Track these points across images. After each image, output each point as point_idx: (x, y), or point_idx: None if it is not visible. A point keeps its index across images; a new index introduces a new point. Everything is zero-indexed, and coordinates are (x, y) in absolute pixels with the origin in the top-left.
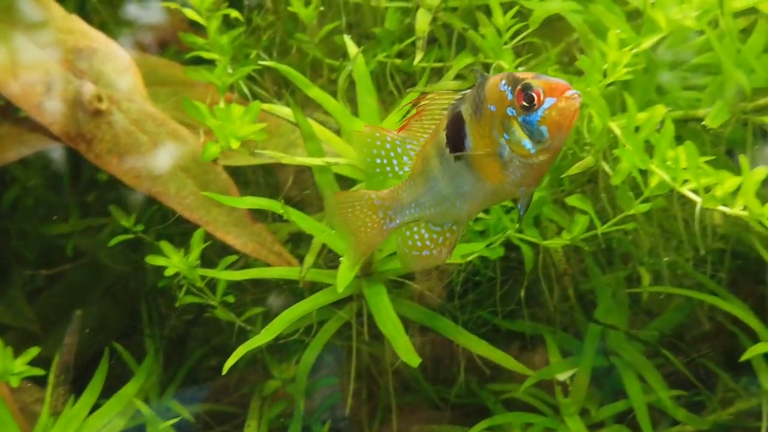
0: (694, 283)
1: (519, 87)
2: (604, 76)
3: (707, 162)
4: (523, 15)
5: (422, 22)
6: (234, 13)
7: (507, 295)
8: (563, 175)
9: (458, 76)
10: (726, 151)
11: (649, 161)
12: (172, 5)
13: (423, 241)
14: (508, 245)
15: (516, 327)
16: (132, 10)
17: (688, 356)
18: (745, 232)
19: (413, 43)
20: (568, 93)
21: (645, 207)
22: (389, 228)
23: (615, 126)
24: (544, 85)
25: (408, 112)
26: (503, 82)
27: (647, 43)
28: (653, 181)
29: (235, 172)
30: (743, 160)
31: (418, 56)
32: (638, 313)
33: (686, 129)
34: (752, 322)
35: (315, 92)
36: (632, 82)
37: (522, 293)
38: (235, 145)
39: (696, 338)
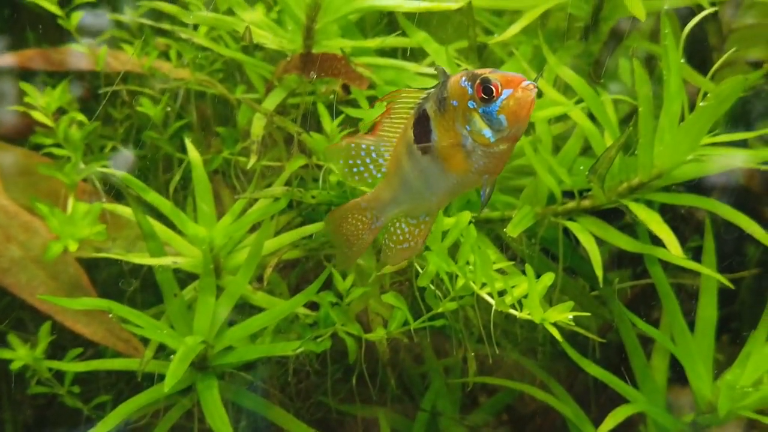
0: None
1: (478, 81)
2: None
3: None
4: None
5: (257, 126)
6: (79, 116)
7: (339, 383)
8: (380, 273)
9: (288, 182)
10: (540, 249)
11: (453, 265)
12: (20, 108)
13: (403, 234)
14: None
15: (348, 410)
16: None
17: None
18: None
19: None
20: (524, 84)
21: (453, 305)
22: (376, 226)
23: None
24: (501, 78)
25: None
26: (464, 78)
27: None
28: (458, 283)
29: None
30: (529, 269)
31: (252, 159)
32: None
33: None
34: (566, 409)
35: (152, 197)
36: None
37: (353, 380)
38: (72, 247)
39: (524, 417)
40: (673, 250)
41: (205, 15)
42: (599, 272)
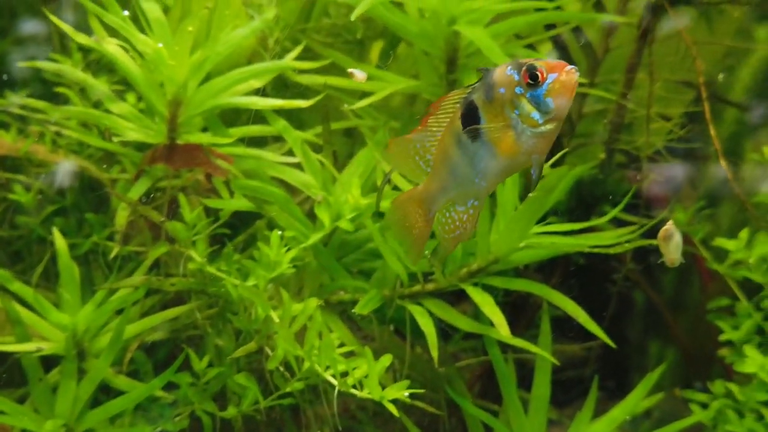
0: None
1: (524, 68)
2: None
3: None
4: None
5: (121, 216)
6: None
7: None
8: (230, 357)
9: (154, 265)
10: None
11: (299, 349)
12: None
13: (454, 222)
14: None
15: None
16: None
17: None
18: None
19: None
20: (567, 68)
21: (300, 385)
22: (430, 218)
23: (274, 315)
24: (546, 64)
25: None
26: (509, 67)
27: (313, 238)
28: (305, 365)
29: None
30: (367, 352)
31: (116, 249)
32: None
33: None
34: None
35: (15, 286)
36: (306, 270)
37: None
38: None
39: None
40: (503, 331)
41: (73, 109)
42: (434, 353)
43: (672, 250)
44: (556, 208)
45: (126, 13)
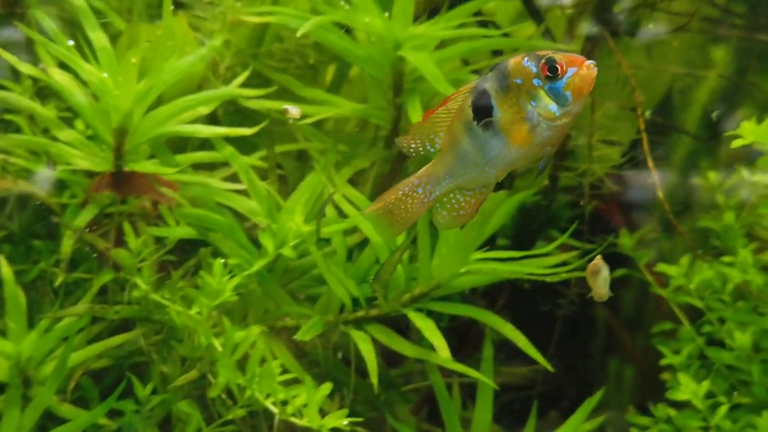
0: None
1: (543, 61)
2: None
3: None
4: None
5: (66, 244)
6: None
7: None
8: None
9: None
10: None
11: (240, 377)
12: None
13: (459, 203)
14: None
15: None
16: None
17: None
18: None
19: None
20: (587, 63)
21: (242, 413)
22: (429, 200)
23: (217, 343)
24: (565, 58)
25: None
26: (526, 59)
27: (257, 265)
28: (246, 393)
29: None
30: (308, 379)
31: (60, 276)
32: None
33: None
34: None
35: None
36: (251, 297)
37: None
38: None
39: None
40: (443, 355)
41: (19, 137)
42: (374, 379)
43: (600, 284)
44: (500, 234)
45: (71, 42)
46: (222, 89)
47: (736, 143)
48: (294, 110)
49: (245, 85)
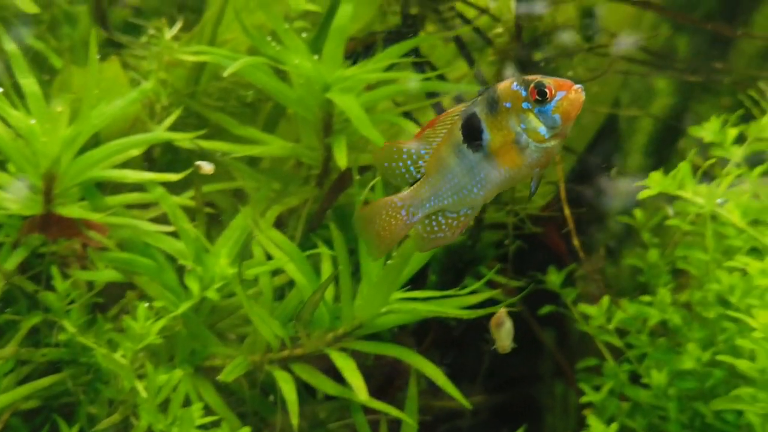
0: None
1: (532, 85)
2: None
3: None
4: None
5: None
6: None
7: None
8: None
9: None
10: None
11: (162, 420)
12: None
13: (439, 225)
14: None
15: None
16: None
17: None
18: None
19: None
20: (575, 87)
21: None
22: (411, 222)
23: (140, 386)
24: (554, 82)
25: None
26: (515, 84)
27: (182, 308)
28: None
29: None
30: (225, 426)
31: None
32: None
33: None
34: None
35: None
36: (177, 338)
37: None
38: None
39: None
40: (361, 395)
41: None
42: (294, 420)
43: (503, 336)
44: (424, 274)
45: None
46: (151, 133)
47: (642, 194)
48: (207, 166)
49: (182, 123)
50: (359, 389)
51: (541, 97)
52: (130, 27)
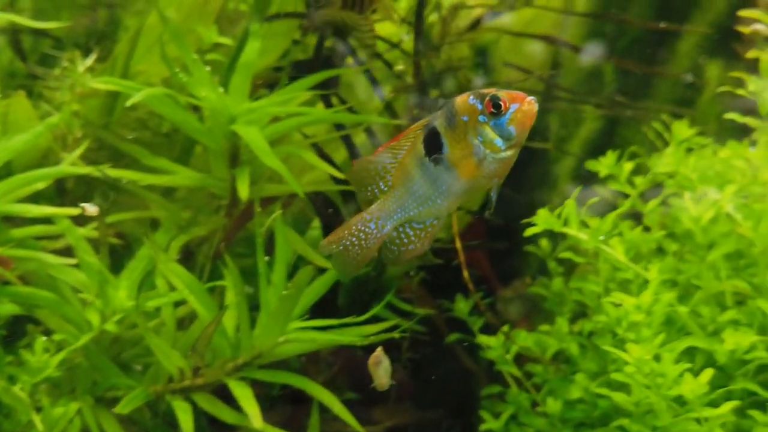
0: None
1: (487, 98)
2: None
3: None
4: None
5: None
6: None
7: None
8: None
9: None
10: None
11: None
12: None
13: (408, 237)
14: None
15: None
16: None
17: None
18: None
19: None
20: (528, 99)
21: None
22: (382, 235)
23: (37, 420)
24: (508, 95)
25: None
26: (471, 97)
27: (82, 340)
28: None
29: None
30: None
31: None
32: None
33: None
34: None
35: None
36: (78, 369)
37: None
38: None
39: None
40: (255, 423)
41: None
42: None
43: (381, 375)
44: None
45: None
46: (56, 167)
47: (528, 231)
48: (91, 208)
49: (96, 155)
50: (254, 417)
51: (496, 109)
52: (49, 58)
